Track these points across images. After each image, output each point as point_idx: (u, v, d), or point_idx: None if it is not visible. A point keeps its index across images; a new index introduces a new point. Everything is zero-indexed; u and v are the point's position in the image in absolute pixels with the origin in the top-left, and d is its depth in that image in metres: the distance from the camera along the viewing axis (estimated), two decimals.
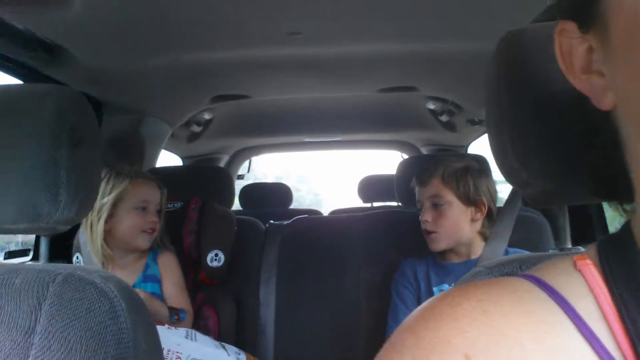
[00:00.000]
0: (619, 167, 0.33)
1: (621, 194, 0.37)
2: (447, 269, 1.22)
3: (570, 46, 0.34)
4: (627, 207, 0.37)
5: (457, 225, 1.19)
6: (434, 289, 1.21)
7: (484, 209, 1.19)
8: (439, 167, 1.21)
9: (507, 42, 0.52)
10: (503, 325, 0.30)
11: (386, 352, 0.33)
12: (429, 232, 1.21)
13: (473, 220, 1.20)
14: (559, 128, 0.45)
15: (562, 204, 0.60)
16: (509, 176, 0.52)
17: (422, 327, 0.32)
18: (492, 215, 1.21)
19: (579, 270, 0.33)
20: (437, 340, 0.30)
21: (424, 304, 0.35)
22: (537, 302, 0.31)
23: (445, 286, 1.20)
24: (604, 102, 0.32)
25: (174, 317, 1.19)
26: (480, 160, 1.44)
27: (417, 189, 1.27)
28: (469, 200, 1.18)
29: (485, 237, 1.22)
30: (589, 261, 0.33)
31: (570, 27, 0.34)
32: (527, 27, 0.51)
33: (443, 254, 1.24)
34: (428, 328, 0.31)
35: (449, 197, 1.19)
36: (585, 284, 0.32)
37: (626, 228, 0.34)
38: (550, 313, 0.30)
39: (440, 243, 1.20)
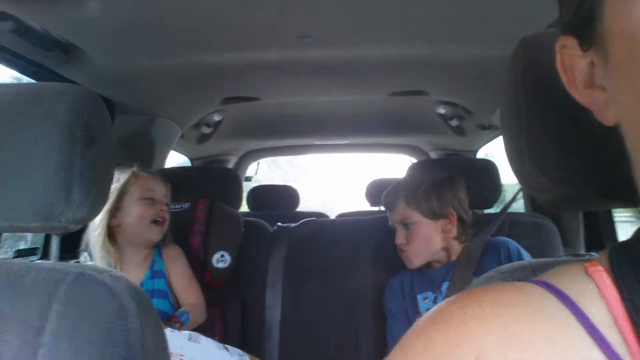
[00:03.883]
0: (628, 174, 0.32)
1: (629, 201, 0.37)
2: (429, 276, 1.24)
3: (572, 61, 0.34)
4: None
5: (428, 241, 1.21)
6: (418, 297, 1.23)
7: (452, 218, 1.21)
8: (401, 190, 1.24)
9: (523, 46, 0.51)
10: (514, 328, 0.30)
11: (395, 357, 0.32)
12: (402, 251, 1.25)
13: (444, 231, 1.21)
14: (574, 134, 0.44)
15: (577, 209, 0.59)
16: (525, 181, 0.51)
17: (431, 330, 0.32)
18: (464, 221, 1.23)
19: (591, 276, 0.32)
20: (446, 343, 0.30)
21: (434, 308, 0.34)
22: (548, 306, 0.31)
23: (429, 293, 1.22)
24: (607, 118, 0.32)
25: (176, 326, 1.17)
26: (485, 165, 1.46)
27: (387, 213, 1.30)
28: (436, 215, 1.20)
29: (462, 242, 1.23)
30: (600, 267, 0.33)
31: (571, 43, 0.34)
32: (543, 32, 0.51)
33: (426, 263, 1.26)
34: (437, 331, 0.31)
35: (415, 217, 1.21)
36: (596, 290, 0.31)
37: (638, 235, 0.33)
38: (561, 317, 0.30)
39: (412, 260, 1.23)
